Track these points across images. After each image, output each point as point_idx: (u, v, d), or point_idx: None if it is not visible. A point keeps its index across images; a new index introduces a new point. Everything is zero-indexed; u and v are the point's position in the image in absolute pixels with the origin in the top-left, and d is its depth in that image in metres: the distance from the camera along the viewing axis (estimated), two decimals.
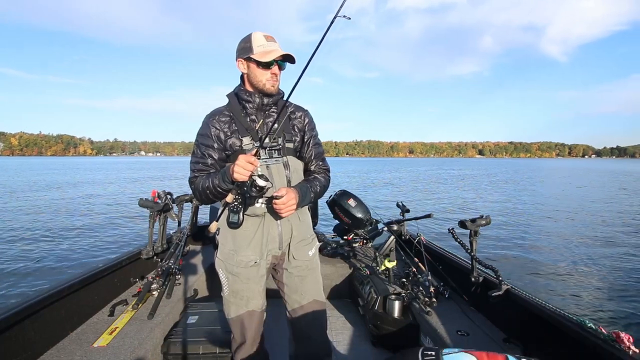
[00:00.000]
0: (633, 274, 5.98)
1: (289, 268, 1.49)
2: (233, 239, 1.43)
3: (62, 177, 31.60)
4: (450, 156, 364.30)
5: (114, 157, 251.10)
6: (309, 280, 1.52)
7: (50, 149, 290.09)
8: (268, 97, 1.43)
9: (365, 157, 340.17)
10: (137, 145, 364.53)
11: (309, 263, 1.52)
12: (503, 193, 20.19)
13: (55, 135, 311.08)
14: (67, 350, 1.65)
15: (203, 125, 1.43)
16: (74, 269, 5.95)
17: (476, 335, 1.84)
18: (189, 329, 2.05)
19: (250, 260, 1.42)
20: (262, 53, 1.35)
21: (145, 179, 30.38)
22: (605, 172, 45.62)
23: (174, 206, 2.91)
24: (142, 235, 8.06)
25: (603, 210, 13.44)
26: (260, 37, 1.37)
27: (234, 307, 1.46)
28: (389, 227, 3.17)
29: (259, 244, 1.43)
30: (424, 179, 32.28)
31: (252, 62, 1.38)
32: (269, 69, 1.38)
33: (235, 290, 1.44)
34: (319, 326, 1.53)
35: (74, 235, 8.58)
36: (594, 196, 18.40)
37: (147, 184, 24.98)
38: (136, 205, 2.79)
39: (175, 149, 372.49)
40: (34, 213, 11.70)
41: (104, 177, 31.20)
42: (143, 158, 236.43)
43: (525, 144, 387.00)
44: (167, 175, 34.71)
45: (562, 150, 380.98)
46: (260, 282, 1.47)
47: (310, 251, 1.53)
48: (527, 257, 7.05)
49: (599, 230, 9.63)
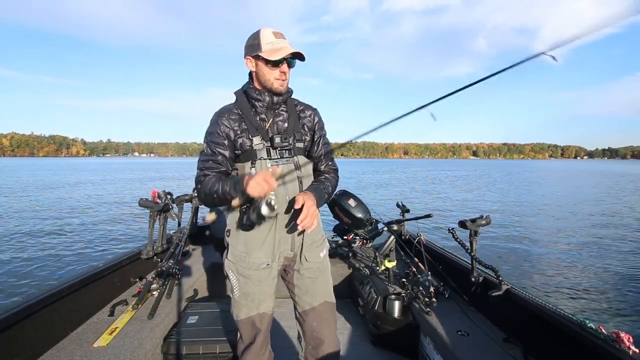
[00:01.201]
0: (633, 274, 5.99)
1: (301, 270, 1.48)
2: (245, 241, 1.40)
3: (59, 177, 31.58)
4: (445, 157, 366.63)
5: (107, 158, 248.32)
6: (320, 282, 1.50)
7: (42, 149, 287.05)
8: (277, 95, 1.39)
9: (360, 158, 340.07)
10: (130, 146, 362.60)
11: (320, 265, 1.50)
12: (502, 193, 20.20)
13: (47, 136, 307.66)
14: (67, 350, 1.65)
15: (212, 123, 1.39)
16: (74, 269, 5.95)
17: (476, 335, 1.84)
18: (189, 329, 2.05)
19: (262, 263, 1.39)
20: (270, 51, 1.31)
21: (143, 179, 30.37)
22: (599, 173, 45.63)
23: (174, 206, 2.91)
24: (142, 235, 8.06)
25: (602, 210, 13.45)
26: (269, 33, 1.33)
27: (245, 309, 1.43)
28: (389, 227, 3.17)
29: (271, 246, 1.40)
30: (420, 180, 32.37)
31: (260, 60, 1.34)
32: (278, 67, 1.33)
33: (247, 292, 1.42)
34: (331, 328, 1.52)
35: (73, 235, 8.58)
36: (592, 197, 18.41)
37: (145, 184, 24.98)
38: (136, 205, 2.79)
39: (169, 150, 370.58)
40: (33, 213, 11.70)
41: (102, 178, 31.19)
42: (137, 159, 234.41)
43: (518, 145, 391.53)
44: (163, 176, 34.71)
45: (554, 152, 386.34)
46: (272, 284, 1.46)
47: (321, 253, 1.51)
48: (527, 257, 7.05)
49: (598, 230, 9.64)
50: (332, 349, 1.50)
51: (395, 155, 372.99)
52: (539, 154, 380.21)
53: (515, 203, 15.68)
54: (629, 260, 6.84)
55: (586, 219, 11.56)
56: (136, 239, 8.10)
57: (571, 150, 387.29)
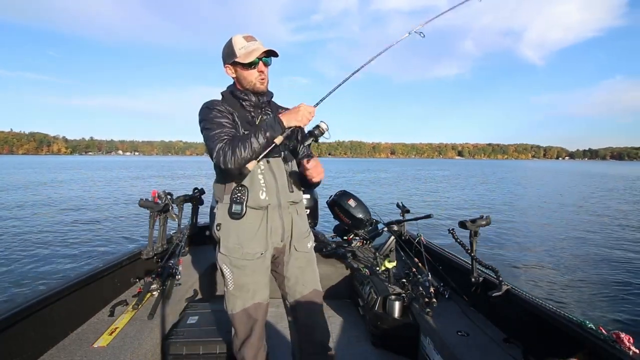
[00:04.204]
0: (634, 274, 5.99)
1: (290, 260, 1.53)
2: (237, 233, 1.43)
3: (53, 175, 31.53)
4: (431, 157, 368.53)
5: (90, 157, 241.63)
6: (309, 271, 1.57)
7: (22, 147, 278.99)
8: (261, 95, 1.48)
9: (347, 157, 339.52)
10: (114, 144, 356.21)
11: (308, 255, 1.58)
12: (500, 193, 20.20)
13: (27, 133, 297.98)
14: (67, 350, 1.65)
15: (206, 110, 1.41)
16: (74, 269, 5.95)
17: (476, 336, 1.84)
18: (189, 329, 2.05)
19: (256, 253, 1.43)
20: (244, 55, 1.39)
21: (141, 178, 30.37)
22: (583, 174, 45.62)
23: (174, 206, 2.91)
24: (142, 235, 8.06)
25: (601, 210, 13.44)
26: (240, 39, 1.41)
27: (240, 301, 1.45)
28: (389, 227, 3.17)
29: (264, 236, 1.45)
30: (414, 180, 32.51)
31: (237, 66, 1.43)
32: (255, 68, 1.41)
33: (241, 284, 1.44)
34: (320, 314, 1.58)
35: (73, 235, 8.57)
36: (591, 197, 18.41)
37: (144, 182, 24.99)
38: (136, 205, 2.79)
39: (154, 149, 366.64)
40: (33, 213, 11.70)
41: (99, 177, 31.17)
42: (121, 157, 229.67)
43: (502, 146, 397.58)
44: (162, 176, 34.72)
45: (537, 152, 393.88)
46: (265, 274, 1.50)
47: (308, 244, 1.59)
48: (527, 257, 7.06)
49: (598, 230, 9.64)
50: (325, 334, 1.58)
51: (382, 155, 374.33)
52: (522, 154, 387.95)
53: (514, 203, 15.68)
54: (629, 260, 6.84)
55: (586, 219, 11.56)
56: (136, 239, 8.10)
57: (553, 151, 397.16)
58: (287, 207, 1.50)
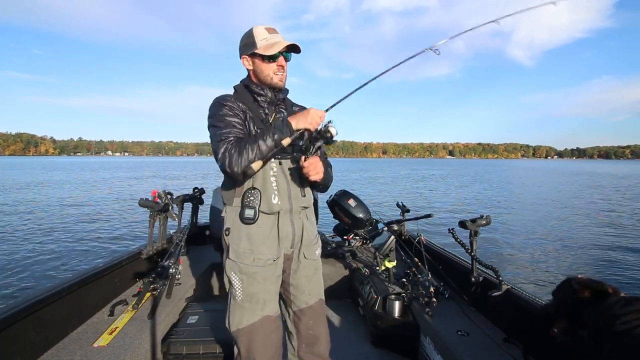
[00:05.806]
0: (634, 274, 5.98)
1: (298, 268, 1.46)
2: (248, 238, 1.35)
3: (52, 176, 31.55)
4: (422, 157, 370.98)
5: (78, 157, 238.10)
6: (315, 280, 1.51)
7: (8, 147, 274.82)
8: (278, 91, 1.41)
9: (339, 157, 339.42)
10: (103, 144, 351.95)
11: (316, 263, 1.52)
12: (499, 193, 20.19)
13: (13, 134, 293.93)
14: (67, 350, 1.65)
15: (217, 106, 1.34)
16: (74, 269, 5.95)
17: (476, 335, 1.84)
18: (189, 329, 2.05)
19: (268, 259, 1.36)
20: (266, 46, 1.32)
21: (140, 178, 30.37)
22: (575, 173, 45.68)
23: (174, 206, 2.91)
24: (142, 235, 8.06)
25: (600, 210, 13.44)
26: (262, 30, 1.34)
27: (249, 313, 1.34)
28: (389, 227, 3.17)
29: (275, 242, 1.38)
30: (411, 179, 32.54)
31: (257, 57, 1.35)
32: (275, 62, 1.35)
33: (251, 293, 1.34)
34: (325, 325, 1.54)
35: (73, 235, 8.58)
36: (590, 197, 18.41)
37: (142, 182, 24.98)
38: (136, 205, 2.79)
39: (144, 149, 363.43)
40: (32, 212, 11.69)
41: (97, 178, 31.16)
42: (111, 158, 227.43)
43: (492, 145, 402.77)
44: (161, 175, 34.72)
45: (526, 152, 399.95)
46: (276, 283, 1.42)
47: (317, 251, 1.53)
48: (527, 256, 7.05)
49: (598, 230, 9.64)
50: (327, 346, 1.53)
51: (374, 155, 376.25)
52: (512, 153, 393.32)
53: (512, 202, 15.68)
54: (629, 260, 6.84)
55: (584, 219, 11.55)
56: (136, 239, 8.10)
57: (542, 150, 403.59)
58: (298, 212, 1.43)
